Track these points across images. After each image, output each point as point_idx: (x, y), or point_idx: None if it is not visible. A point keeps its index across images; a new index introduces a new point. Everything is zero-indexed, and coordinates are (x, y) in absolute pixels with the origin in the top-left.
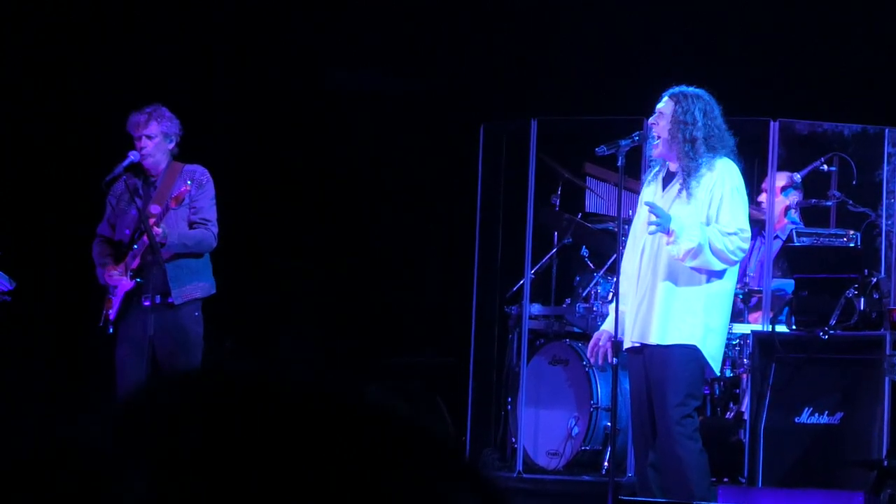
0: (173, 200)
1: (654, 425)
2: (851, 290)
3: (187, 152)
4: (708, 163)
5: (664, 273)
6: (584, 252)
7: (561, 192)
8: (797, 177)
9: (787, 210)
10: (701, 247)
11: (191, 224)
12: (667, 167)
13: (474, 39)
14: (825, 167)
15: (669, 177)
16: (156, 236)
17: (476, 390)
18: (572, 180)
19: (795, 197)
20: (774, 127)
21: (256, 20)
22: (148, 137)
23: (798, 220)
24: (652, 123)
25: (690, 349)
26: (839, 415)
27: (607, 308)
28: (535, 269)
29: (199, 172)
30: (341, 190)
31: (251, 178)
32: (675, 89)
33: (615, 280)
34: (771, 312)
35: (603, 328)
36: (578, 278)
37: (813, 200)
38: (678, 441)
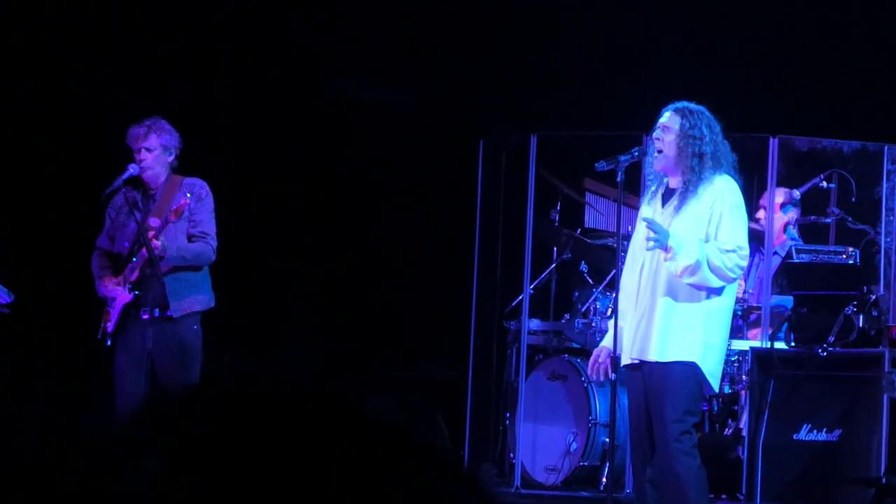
0: (173, 213)
1: (653, 442)
2: (850, 307)
3: (187, 157)
4: (709, 179)
5: (663, 290)
6: (584, 267)
7: (560, 208)
8: (796, 193)
9: (787, 226)
10: (699, 263)
11: (190, 237)
12: (665, 184)
13: (475, 54)
14: (824, 184)
15: (668, 193)
16: (154, 249)
17: (475, 405)
18: (571, 196)
19: (794, 214)
20: (774, 143)
21: (257, 28)
22: (147, 150)
23: (797, 237)
24: (656, 138)
25: (689, 366)
26: (837, 432)
27: (606, 323)
28: (535, 285)
29: (199, 186)
30: (341, 203)
31: (249, 191)
32: (679, 104)
33: (614, 296)
34: (770, 329)
35: (602, 345)
36: (577, 294)
37: (812, 217)
38: (676, 457)
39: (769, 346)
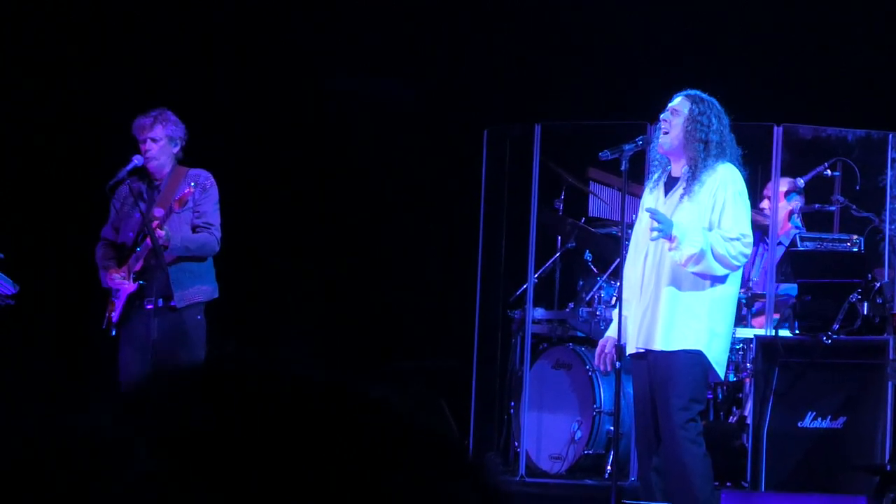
0: (177, 203)
1: (658, 430)
2: (855, 295)
3: (189, 154)
4: (712, 166)
5: (668, 279)
6: (588, 256)
7: (564, 197)
8: (800, 182)
9: (791, 215)
10: (703, 252)
11: (194, 228)
12: (668, 172)
13: (478, 44)
14: (829, 172)
15: (671, 182)
16: (158, 239)
17: (479, 394)
18: (576, 185)
19: (798, 202)
20: (778, 132)
21: (258, 23)
22: (153, 141)
23: (801, 225)
24: (663, 119)
25: (695, 354)
26: (842, 419)
27: (610, 312)
28: (539, 274)
29: (204, 177)
30: (345, 194)
31: (253, 183)
32: (691, 91)
33: (618, 285)
34: (775, 316)
35: (607, 335)
36: (582, 282)
37: (816, 205)
38: (682, 445)
39: (774, 334)
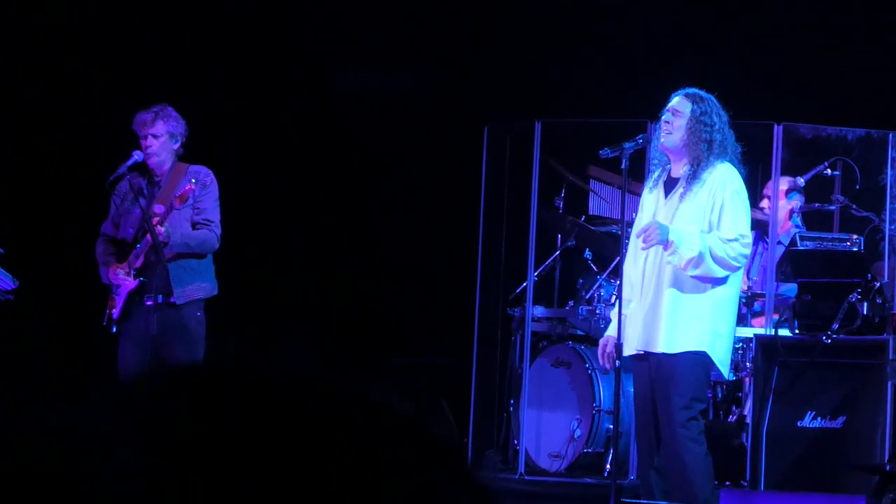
0: (177, 199)
1: (658, 430)
2: (854, 295)
3: (189, 151)
4: (712, 165)
5: (669, 280)
6: (588, 255)
7: (564, 195)
8: (800, 181)
9: (791, 214)
10: (702, 255)
11: (194, 224)
12: (668, 172)
13: (479, 40)
14: (829, 171)
15: (671, 182)
16: (158, 235)
17: (479, 392)
18: (576, 183)
19: (798, 201)
20: (778, 131)
21: (260, 20)
22: (154, 137)
23: (801, 224)
24: (665, 120)
25: (699, 354)
26: (841, 419)
27: (610, 311)
28: (539, 272)
29: (204, 173)
30: (345, 190)
31: (253, 178)
32: (690, 90)
33: (618, 283)
34: (775, 315)
35: (607, 334)
36: (581, 281)
37: (816, 205)
38: (683, 444)
39: (773, 333)
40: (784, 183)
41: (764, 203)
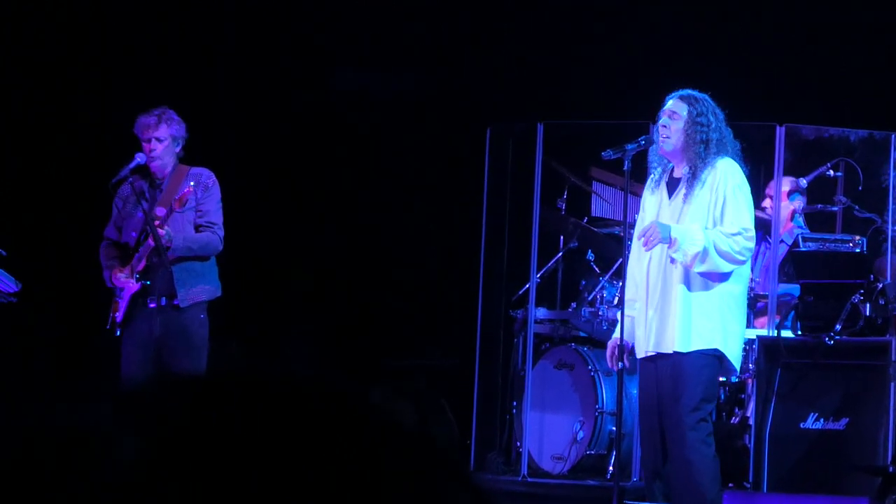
0: (177, 202)
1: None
2: (857, 296)
3: (189, 153)
4: (712, 163)
5: (676, 280)
6: (590, 256)
7: (567, 196)
8: (803, 182)
9: (794, 215)
10: (706, 250)
11: (197, 227)
12: (669, 172)
13: (481, 42)
14: (831, 172)
15: (673, 182)
16: (161, 238)
17: (481, 394)
18: (578, 184)
19: (801, 202)
20: (781, 132)
21: (261, 19)
22: (158, 140)
23: (803, 225)
24: (662, 125)
25: (710, 354)
26: (844, 420)
27: (613, 312)
28: (541, 273)
29: (206, 175)
30: (347, 191)
31: (254, 178)
32: (684, 91)
33: (621, 285)
34: (777, 317)
35: (615, 336)
36: (584, 282)
37: (819, 206)
38: (692, 447)
39: (776, 335)
40: (786, 184)
41: (766, 203)
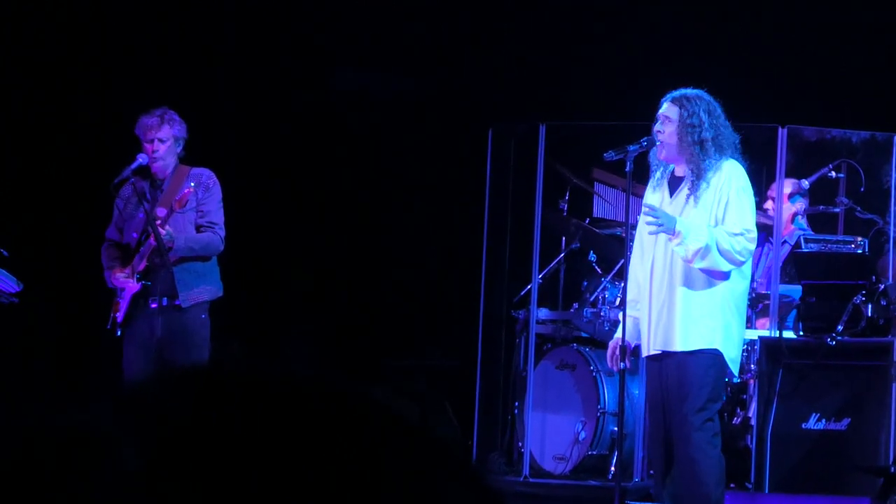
0: (177, 203)
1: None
2: (859, 297)
3: (189, 153)
4: (715, 164)
5: (680, 281)
6: (592, 257)
7: (569, 197)
8: (805, 183)
9: (795, 216)
10: (708, 247)
11: (198, 227)
12: (671, 171)
13: (483, 43)
14: (833, 174)
15: (675, 181)
16: (162, 238)
17: (483, 394)
18: (580, 185)
19: (803, 203)
20: (783, 133)
21: (261, 19)
22: (160, 141)
23: (805, 227)
24: (657, 130)
25: (712, 353)
26: (846, 421)
27: (615, 313)
28: (543, 274)
29: (206, 176)
30: (349, 192)
31: (254, 178)
32: (676, 93)
33: (623, 285)
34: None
35: (616, 336)
36: (586, 283)
37: (821, 207)
38: (698, 447)
39: (778, 336)
40: (788, 186)
41: (768, 205)
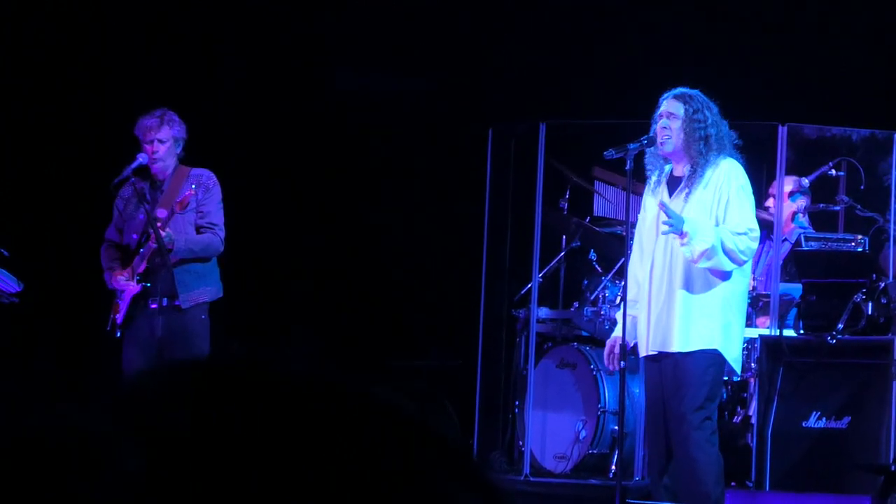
0: (178, 205)
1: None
2: (859, 295)
3: (189, 153)
4: (714, 161)
5: (681, 280)
6: (592, 256)
7: (569, 196)
8: (805, 181)
9: (795, 215)
10: (714, 248)
11: (198, 228)
12: (668, 172)
13: (483, 42)
14: (833, 172)
15: (674, 181)
16: (163, 239)
17: (484, 393)
18: (580, 184)
19: (803, 202)
20: (783, 131)
21: (262, 20)
22: (160, 142)
23: (806, 225)
24: (662, 126)
25: (712, 353)
26: (846, 419)
27: (615, 312)
28: (543, 273)
29: (206, 176)
30: (348, 191)
31: (257, 180)
32: (676, 91)
33: (623, 284)
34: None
35: (614, 335)
36: (586, 282)
37: (821, 205)
38: (696, 445)
39: (778, 334)
40: (788, 184)
41: (768, 203)
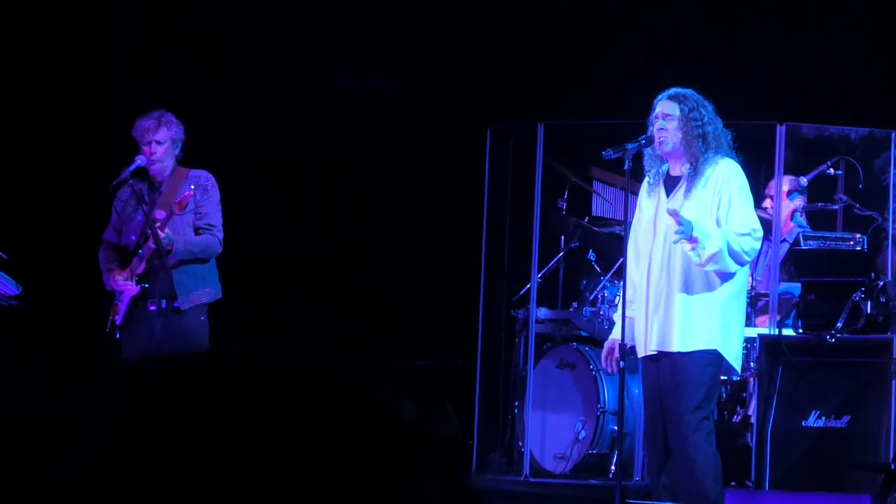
0: (176, 206)
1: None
2: (858, 294)
3: (189, 154)
4: (712, 161)
5: (679, 281)
6: (591, 256)
7: (567, 196)
8: (803, 180)
9: (794, 213)
10: (721, 252)
11: (196, 230)
12: (665, 172)
13: (482, 42)
14: (832, 171)
15: (670, 181)
16: (162, 241)
17: (483, 394)
18: (579, 184)
19: (801, 201)
20: (781, 130)
21: (260, 20)
22: (158, 143)
23: (804, 224)
24: (659, 128)
25: (711, 353)
26: (846, 418)
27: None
28: (542, 273)
29: (204, 178)
30: (347, 191)
31: (256, 180)
32: (671, 91)
33: (621, 284)
34: (778, 316)
35: (612, 337)
36: (585, 282)
37: (820, 204)
38: (694, 445)
39: (777, 333)
40: (786, 183)
41: (767, 203)
